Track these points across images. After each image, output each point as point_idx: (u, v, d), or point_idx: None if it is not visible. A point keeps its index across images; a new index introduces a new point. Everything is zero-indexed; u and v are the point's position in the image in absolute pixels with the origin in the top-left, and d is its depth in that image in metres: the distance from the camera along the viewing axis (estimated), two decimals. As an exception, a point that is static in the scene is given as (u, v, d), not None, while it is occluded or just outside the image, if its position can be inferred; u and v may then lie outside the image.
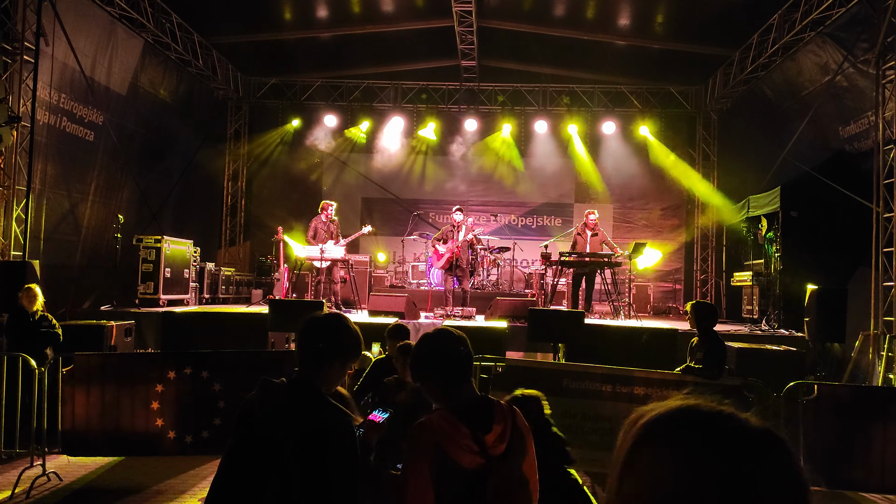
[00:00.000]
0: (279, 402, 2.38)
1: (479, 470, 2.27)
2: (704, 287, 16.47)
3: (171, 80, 13.94)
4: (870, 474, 5.87)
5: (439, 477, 2.25)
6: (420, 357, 2.54)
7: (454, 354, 2.49)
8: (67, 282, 10.71)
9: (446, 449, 2.26)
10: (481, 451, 2.30)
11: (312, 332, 2.50)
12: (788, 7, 11.37)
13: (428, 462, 2.24)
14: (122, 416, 6.35)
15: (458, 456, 2.26)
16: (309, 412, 2.33)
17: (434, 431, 2.29)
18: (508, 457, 2.34)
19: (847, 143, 10.64)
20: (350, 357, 2.50)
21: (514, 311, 10.44)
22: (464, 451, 2.27)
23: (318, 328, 2.51)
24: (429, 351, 2.53)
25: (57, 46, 9.83)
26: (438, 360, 2.49)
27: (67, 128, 10.69)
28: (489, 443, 2.32)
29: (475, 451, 2.29)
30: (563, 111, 16.64)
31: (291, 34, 14.41)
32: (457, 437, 2.29)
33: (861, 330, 9.09)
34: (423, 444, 2.28)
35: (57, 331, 7.52)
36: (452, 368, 2.47)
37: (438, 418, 2.35)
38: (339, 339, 2.49)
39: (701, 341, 6.22)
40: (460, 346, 2.51)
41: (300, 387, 2.41)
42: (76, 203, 11.14)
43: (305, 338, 2.49)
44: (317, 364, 2.45)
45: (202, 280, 13.32)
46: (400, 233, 15.85)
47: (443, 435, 2.29)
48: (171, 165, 14.09)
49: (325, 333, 2.49)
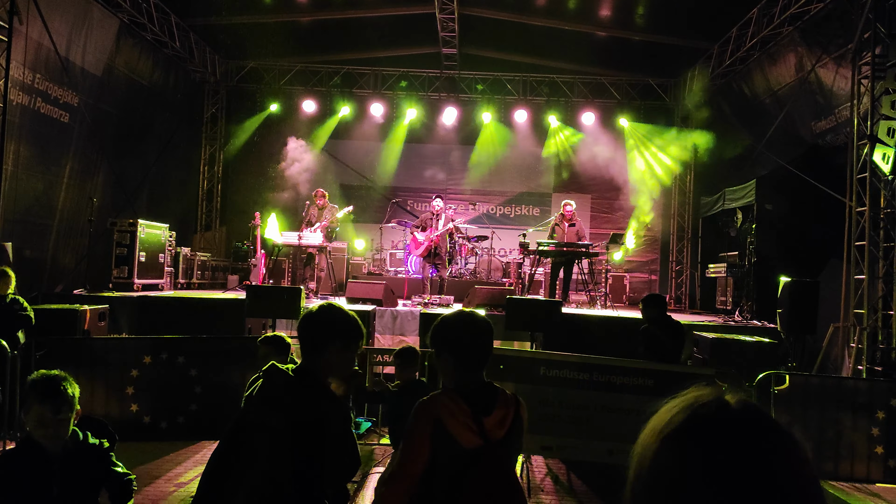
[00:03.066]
0: (278, 389, 2.42)
1: (477, 450, 2.37)
2: (679, 278, 16.65)
3: (147, 62, 13.73)
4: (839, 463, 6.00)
5: (437, 450, 2.37)
6: (442, 336, 2.61)
7: (475, 343, 2.58)
8: (40, 265, 10.56)
9: (446, 424, 2.37)
10: (480, 432, 2.40)
11: (305, 320, 2.55)
12: (767, 2, 11.47)
13: (427, 433, 2.37)
14: (97, 402, 6.30)
15: (457, 433, 2.37)
16: (305, 400, 2.37)
17: (436, 406, 2.42)
18: (506, 444, 2.45)
19: (820, 138, 10.79)
20: (346, 340, 2.51)
21: (491, 300, 10.47)
22: (463, 428, 2.38)
23: (310, 317, 2.56)
24: (453, 335, 2.60)
25: (31, 25, 9.62)
26: (458, 345, 2.57)
27: (42, 108, 10.49)
28: (488, 426, 2.42)
29: (474, 431, 2.39)
30: (543, 101, 16.68)
31: (271, 17, 14.24)
32: (457, 413, 2.40)
33: (832, 322, 9.26)
34: (425, 415, 2.41)
35: (29, 314, 7.40)
36: (469, 356, 2.57)
37: (442, 395, 2.48)
38: (332, 324, 2.53)
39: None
40: (484, 336, 2.60)
41: (300, 374, 2.46)
42: (50, 185, 10.95)
43: (301, 328, 2.55)
44: (314, 351, 2.50)
45: (177, 265, 13.19)
46: (378, 220, 15.81)
47: (444, 410, 2.40)
48: (147, 148, 13.90)
49: (317, 320, 2.54)
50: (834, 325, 9.18)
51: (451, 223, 12.05)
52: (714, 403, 0.93)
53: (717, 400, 0.93)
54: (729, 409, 0.92)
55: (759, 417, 0.91)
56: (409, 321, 9.91)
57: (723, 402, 0.93)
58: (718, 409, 0.92)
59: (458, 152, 16.99)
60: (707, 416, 0.91)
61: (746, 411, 0.92)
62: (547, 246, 11.74)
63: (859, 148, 8.99)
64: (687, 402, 0.94)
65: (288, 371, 2.46)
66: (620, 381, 6.00)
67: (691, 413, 0.92)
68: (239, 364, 6.47)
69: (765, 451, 0.87)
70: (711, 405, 0.92)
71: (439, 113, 16.74)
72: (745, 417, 0.91)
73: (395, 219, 15.10)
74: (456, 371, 2.54)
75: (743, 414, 0.91)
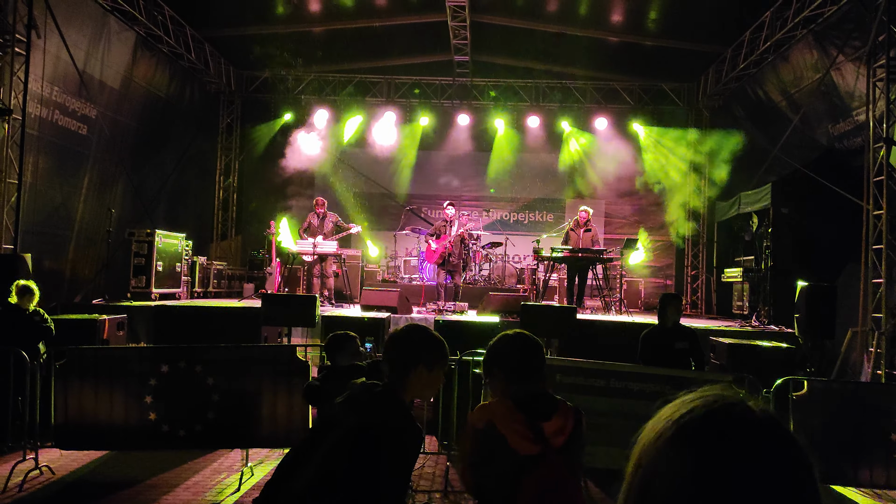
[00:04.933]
0: (361, 394, 2.49)
1: (535, 457, 2.44)
2: (695, 283, 16.57)
3: (163, 74, 13.88)
4: (858, 469, 5.94)
5: (492, 454, 2.46)
6: (496, 354, 2.70)
7: (523, 355, 2.67)
8: (59, 275, 10.68)
9: (500, 429, 2.46)
10: (537, 439, 2.46)
11: (391, 341, 2.61)
12: (780, 5, 11.42)
13: (479, 437, 2.47)
14: (115, 410, 6.35)
15: (512, 439, 2.44)
16: (380, 406, 2.42)
17: (490, 412, 2.52)
18: (565, 452, 2.50)
19: (837, 141, 10.72)
20: (429, 363, 2.53)
21: (506, 306, 10.47)
22: (517, 435, 2.45)
23: (395, 339, 2.61)
24: (506, 350, 2.69)
25: (49, 39, 9.77)
26: (505, 358, 2.66)
27: (60, 121, 10.64)
28: (547, 432, 2.49)
29: (529, 438, 2.46)
30: (556, 107, 16.68)
31: (284, 28, 14.36)
32: (511, 421, 2.48)
33: (850, 326, 9.17)
34: (478, 419, 2.51)
35: (49, 325, 7.49)
36: (517, 367, 2.65)
37: (497, 403, 2.57)
38: (415, 346, 2.56)
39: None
40: (536, 353, 2.70)
41: (383, 389, 2.50)
42: (68, 196, 11.09)
43: (386, 348, 2.62)
44: (395, 372, 2.54)
45: (194, 274, 13.30)
46: (392, 227, 15.86)
47: (498, 416, 2.49)
48: (164, 159, 14.04)
49: (400, 343, 2.58)
50: (852, 329, 9.10)
51: (463, 228, 12.07)
52: (738, 407, 0.91)
53: (740, 404, 0.92)
54: (753, 414, 0.91)
55: (783, 429, 0.91)
56: (425, 328, 9.91)
57: (746, 406, 0.92)
58: (743, 412, 0.91)
59: (472, 159, 17.02)
60: (732, 418, 0.90)
61: (770, 419, 0.91)
62: (561, 252, 11.73)
63: (875, 151, 8.93)
64: (707, 401, 0.93)
65: (376, 385, 2.52)
66: (637, 387, 5.98)
67: (710, 412, 0.91)
68: (255, 372, 6.51)
69: (785, 464, 0.87)
70: (735, 408, 0.91)
71: (452, 120, 16.79)
72: (769, 425, 0.90)
73: (410, 226, 15.14)
74: (507, 383, 2.60)
75: (767, 422, 0.90)
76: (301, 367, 6.48)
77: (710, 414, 0.91)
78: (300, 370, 6.46)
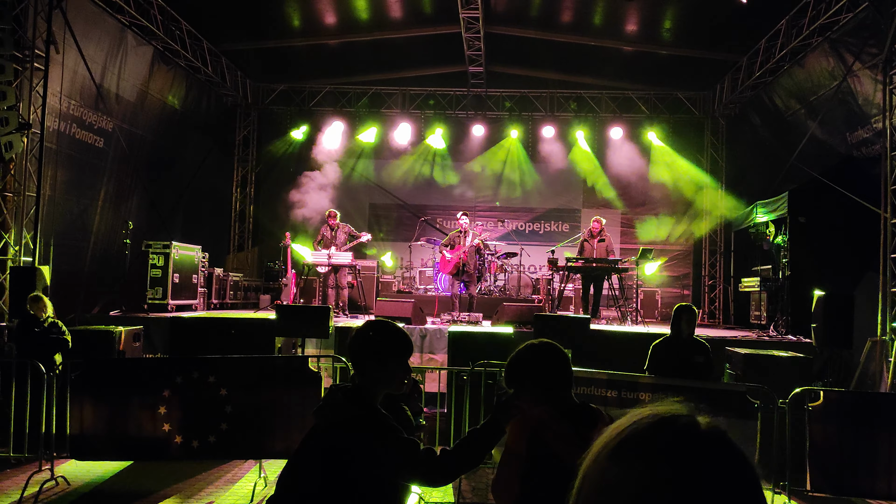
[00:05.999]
0: (326, 398, 2.52)
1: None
2: (713, 293, 16.43)
3: (180, 87, 14.03)
4: (876, 481, 5.85)
5: (540, 467, 2.39)
6: (527, 364, 2.64)
7: (562, 369, 2.64)
8: (77, 287, 10.79)
9: (543, 438, 2.41)
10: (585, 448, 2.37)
11: (351, 340, 2.63)
12: (796, 13, 11.35)
13: (523, 447, 2.41)
14: (130, 421, 6.39)
15: (556, 447, 2.39)
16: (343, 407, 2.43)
17: (532, 421, 2.45)
18: None
19: (855, 149, 10.61)
20: (380, 357, 2.54)
21: (520, 317, 10.44)
22: (562, 441, 2.39)
23: (351, 338, 2.64)
24: (540, 360, 2.64)
25: (67, 54, 9.90)
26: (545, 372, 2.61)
27: (77, 134, 10.78)
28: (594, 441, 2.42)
29: (576, 445, 2.39)
30: (571, 117, 16.66)
31: (300, 41, 14.49)
32: (556, 428, 2.43)
33: (870, 336, 9.05)
34: (520, 433, 2.44)
35: (66, 337, 7.57)
36: (557, 381, 2.61)
37: (539, 414, 2.49)
38: (364, 343, 2.57)
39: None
40: (568, 363, 2.67)
41: (348, 388, 2.53)
42: (85, 209, 11.22)
43: (348, 347, 2.64)
44: (356, 370, 2.58)
45: (210, 285, 13.38)
46: (407, 238, 15.88)
47: (541, 425, 2.43)
48: (181, 171, 14.18)
49: (353, 341, 2.60)
50: (871, 339, 8.97)
51: (478, 239, 12.07)
52: (684, 420, 0.89)
53: (686, 418, 0.89)
54: (699, 429, 0.88)
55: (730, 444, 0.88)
56: (438, 339, 9.92)
57: (692, 420, 0.89)
58: (689, 426, 0.88)
59: (487, 169, 17.01)
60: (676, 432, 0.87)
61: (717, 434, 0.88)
62: (575, 262, 11.69)
63: (893, 159, 8.83)
64: (653, 416, 0.90)
65: (343, 385, 2.54)
66: (649, 398, 5.93)
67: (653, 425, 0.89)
68: (268, 383, 6.53)
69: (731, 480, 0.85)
70: (680, 422, 0.89)
71: (467, 130, 16.80)
72: (714, 439, 0.87)
73: (424, 237, 15.16)
74: (544, 394, 2.55)
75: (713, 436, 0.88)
76: (314, 378, 6.49)
77: (653, 427, 0.89)
78: (313, 381, 6.46)
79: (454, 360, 8.46)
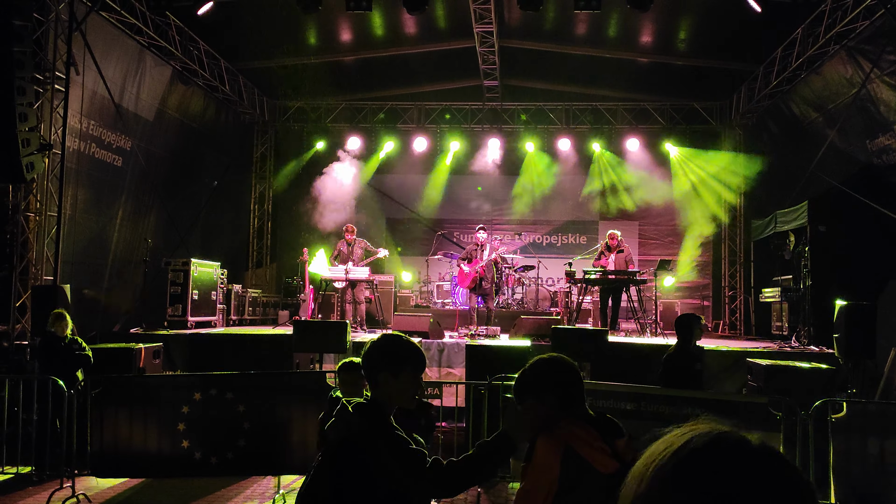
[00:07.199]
0: (339, 413, 2.51)
1: (616, 475, 2.32)
2: (733, 304, 16.27)
3: (198, 106, 14.20)
4: (902, 494, 5.74)
5: (576, 480, 2.33)
6: (544, 377, 2.61)
7: (578, 381, 2.61)
8: (97, 305, 10.89)
9: (579, 451, 2.35)
10: (614, 455, 2.37)
11: (364, 353, 2.61)
12: (811, 21, 11.28)
13: (557, 462, 2.34)
14: (150, 438, 6.42)
15: (592, 458, 2.34)
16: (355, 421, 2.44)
17: (564, 436, 2.39)
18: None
19: (875, 156, 10.50)
20: (392, 370, 2.52)
21: (537, 330, 10.40)
22: (597, 452, 2.35)
23: (368, 349, 2.62)
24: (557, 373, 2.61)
25: (86, 75, 10.05)
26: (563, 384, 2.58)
27: (96, 154, 10.92)
28: (620, 448, 2.41)
29: (608, 454, 2.37)
30: (587, 129, 16.63)
31: (316, 58, 14.61)
32: (588, 439, 2.38)
33: (893, 346, 8.89)
34: (553, 447, 2.37)
35: (87, 354, 7.64)
36: (575, 392, 2.58)
37: (568, 423, 2.44)
38: (376, 356, 2.56)
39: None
40: (580, 375, 2.65)
41: (360, 403, 2.53)
42: (104, 227, 11.34)
43: (361, 360, 2.63)
44: (369, 383, 2.57)
45: (229, 302, 13.46)
46: (424, 252, 15.91)
47: (574, 439, 2.38)
48: (199, 189, 14.31)
49: (366, 354, 2.60)
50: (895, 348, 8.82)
51: (495, 252, 12.05)
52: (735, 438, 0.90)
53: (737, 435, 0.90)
54: (752, 446, 0.89)
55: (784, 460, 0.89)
56: (456, 353, 9.90)
57: (743, 438, 0.90)
58: (742, 444, 0.89)
59: (503, 183, 17.01)
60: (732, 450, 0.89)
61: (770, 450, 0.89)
62: (594, 274, 11.63)
63: (914, 165, 8.71)
64: (703, 434, 0.90)
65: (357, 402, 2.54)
66: (669, 410, 5.86)
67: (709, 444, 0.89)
68: (285, 399, 6.55)
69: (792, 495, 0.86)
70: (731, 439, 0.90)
71: (483, 144, 16.82)
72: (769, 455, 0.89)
73: (442, 251, 15.17)
74: (562, 407, 2.52)
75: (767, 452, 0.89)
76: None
77: (710, 445, 0.89)
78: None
79: (472, 373, 8.42)
